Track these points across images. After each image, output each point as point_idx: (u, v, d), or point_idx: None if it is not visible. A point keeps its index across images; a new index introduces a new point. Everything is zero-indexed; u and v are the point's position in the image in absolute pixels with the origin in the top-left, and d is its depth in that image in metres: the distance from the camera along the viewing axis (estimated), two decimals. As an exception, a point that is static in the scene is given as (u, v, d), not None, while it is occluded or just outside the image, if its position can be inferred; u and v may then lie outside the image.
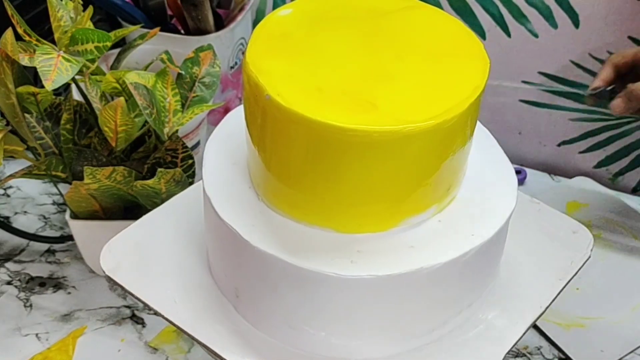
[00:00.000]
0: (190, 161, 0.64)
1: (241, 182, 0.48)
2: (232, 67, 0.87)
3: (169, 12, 0.86)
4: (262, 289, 0.46)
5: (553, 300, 0.52)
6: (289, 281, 0.44)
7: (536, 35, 0.85)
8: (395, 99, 0.41)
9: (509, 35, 0.86)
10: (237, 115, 0.51)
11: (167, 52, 0.66)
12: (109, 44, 0.60)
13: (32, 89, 0.61)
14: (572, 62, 0.85)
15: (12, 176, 0.65)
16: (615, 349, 0.68)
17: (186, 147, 0.64)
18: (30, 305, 0.71)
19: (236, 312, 0.50)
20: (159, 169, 0.61)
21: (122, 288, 0.52)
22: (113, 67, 0.69)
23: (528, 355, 0.68)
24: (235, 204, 0.47)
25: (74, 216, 0.68)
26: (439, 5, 0.86)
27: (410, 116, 0.40)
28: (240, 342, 0.48)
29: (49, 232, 0.79)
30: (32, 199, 0.83)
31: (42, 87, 0.55)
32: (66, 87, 0.72)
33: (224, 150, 0.50)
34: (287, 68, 0.43)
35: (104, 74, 0.63)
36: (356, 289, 0.43)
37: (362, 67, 0.43)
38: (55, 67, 0.56)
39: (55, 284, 0.73)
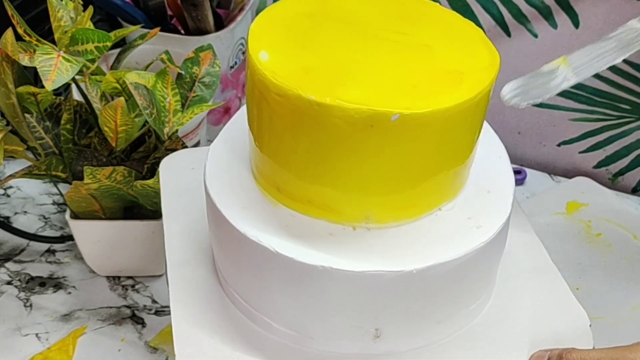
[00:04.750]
0: (190, 161, 0.64)
1: (247, 179, 0.48)
2: (232, 67, 0.87)
3: (169, 12, 0.86)
4: (263, 285, 0.46)
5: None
6: (291, 276, 0.44)
7: (536, 36, 0.85)
8: (401, 83, 0.42)
9: (509, 35, 0.86)
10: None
11: (167, 52, 0.66)
12: (109, 44, 0.60)
13: (32, 89, 0.61)
14: (572, 62, 0.85)
15: (12, 176, 0.65)
16: (615, 349, 0.68)
17: (186, 146, 0.64)
18: (30, 305, 0.71)
19: (239, 312, 0.50)
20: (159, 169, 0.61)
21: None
22: (113, 67, 0.69)
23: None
24: (238, 199, 0.47)
25: (74, 216, 0.68)
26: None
27: (440, 97, 0.40)
28: (243, 341, 0.48)
29: (49, 232, 0.79)
30: (32, 199, 0.83)
31: (42, 87, 0.55)
32: (66, 87, 0.72)
33: (229, 147, 0.51)
34: (288, 50, 0.43)
35: (104, 74, 0.63)
36: (357, 283, 0.43)
37: (364, 52, 0.43)
38: (55, 67, 0.56)
39: (55, 284, 0.73)
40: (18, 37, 0.59)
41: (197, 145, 0.78)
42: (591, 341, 0.49)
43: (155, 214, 0.67)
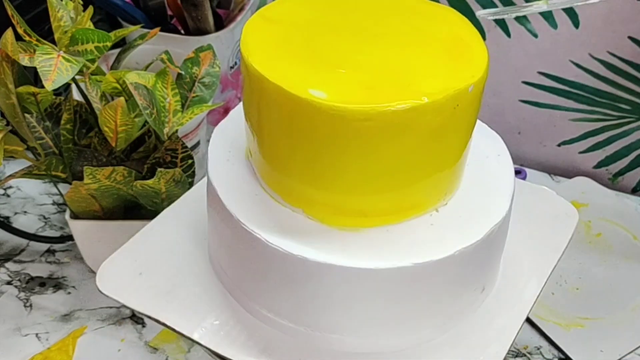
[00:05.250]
0: (190, 161, 0.64)
1: (249, 178, 0.48)
2: (231, 67, 0.87)
3: (169, 12, 0.86)
4: (265, 281, 0.46)
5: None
6: (293, 273, 0.44)
7: (536, 36, 0.85)
8: (393, 78, 0.42)
9: (509, 35, 0.86)
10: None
11: (167, 52, 0.66)
12: (109, 44, 0.60)
13: (32, 89, 0.61)
14: (572, 62, 0.85)
15: (12, 176, 0.65)
16: (615, 349, 0.68)
17: (186, 147, 0.64)
18: (30, 305, 0.71)
19: (241, 306, 0.50)
20: (159, 169, 0.61)
21: (125, 306, 0.51)
22: (113, 67, 0.69)
23: (528, 355, 0.68)
24: (243, 197, 0.47)
25: (74, 216, 0.68)
26: (439, 5, 0.86)
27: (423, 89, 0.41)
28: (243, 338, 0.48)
29: (49, 232, 0.79)
30: (32, 199, 0.83)
31: (42, 87, 0.55)
32: (66, 87, 0.72)
33: (228, 145, 0.51)
34: (282, 50, 0.43)
35: (104, 74, 0.63)
36: (355, 280, 0.44)
37: (358, 49, 0.44)
38: (55, 67, 0.56)
39: (55, 284, 0.73)
40: (18, 37, 0.59)
41: (197, 145, 0.78)
42: None
43: (155, 214, 0.67)
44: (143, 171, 0.65)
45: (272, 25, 0.45)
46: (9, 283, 0.73)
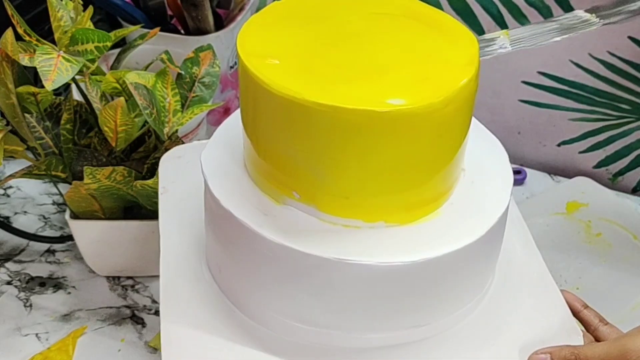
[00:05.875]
0: (190, 161, 0.65)
1: (245, 176, 0.49)
2: (231, 67, 0.87)
3: (169, 12, 0.86)
4: (264, 278, 0.47)
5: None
6: (293, 269, 0.45)
7: (536, 35, 0.85)
8: (390, 81, 0.42)
9: (509, 35, 0.86)
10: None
11: (167, 52, 0.66)
12: (109, 44, 0.60)
13: (32, 89, 0.61)
14: (572, 62, 0.85)
15: (12, 176, 0.65)
16: (615, 349, 0.68)
17: (186, 147, 0.64)
18: (30, 305, 0.71)
19: (233, 305, 0.50)
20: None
21: None
22: (113, 67, 0.69)
23: (528, 355, 0.68)
24: (239, 196, 0.47)
25: (74, 216, 0.68)
26: (439, 6, 0.86)
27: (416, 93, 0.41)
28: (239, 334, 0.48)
29: (49, 232, 0.79)
30: (32, 199, 0.83)
31: (42, 87, 0.56)
32: (66, 87, 0.72)
33: (227, 146, 0.51)
34: (279, 52, 0.43)
35: (104, 74, 0.63)
36: (354, 276, 0.44)
37: (353, 53, 0.44)
38: (55, 67, 0.56)
39: (55, 284, 0.73)
40: (18, 37, 0.59)
41: (197, 145, 0.78)
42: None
43: (155, 214, 0.67)
44: (143, 171, 0.65)
45: (268, 27, 0.45)
46: (9, 283, 0.73)
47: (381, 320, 0.47)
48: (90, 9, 0.63)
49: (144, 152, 0.67)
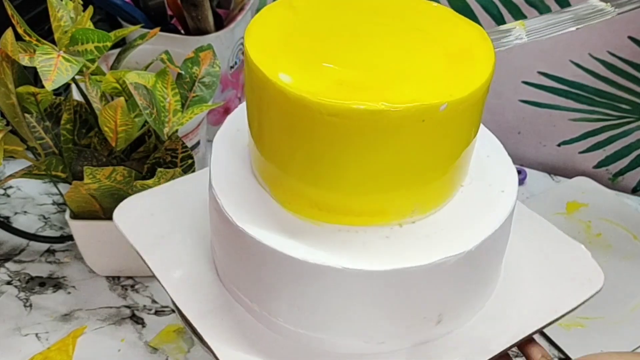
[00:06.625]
0: (189, 161, 0.64)
1: (251, 181, 0.48)
2: (232, 67, 0.87)
3: (169, 12, 0.86)
4: (267, 284, 0.46)
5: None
6: (296, 276, 0.44)
7: (536, 35, 0.85)
8: (401, 81, 0.42)
9: (509, 35, 0.86)
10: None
11: (167, 52, 0.66)
12: (109, 44, 0.60)
13: (32, 89, 0.61)
14: (572, 62, 0.85)
15: (12, 176, 0.65)
16: (615, 348, 0.68)
17: (186, 147, 0.64)
18: (30, 305, 0.71)
19: (242, 308, 0.50)
20: (159, 169, 0.61)
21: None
22: (113, 67, 0.69)
23: (528, 355, 0.68)
24: (245, 202, 0.47)
25: (74, 216, 0.68)
26: (439, 5, 0.86)
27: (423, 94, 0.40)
28: (239, 336, 0.48)
29: (49, 232, 0.79)
30: (32, 199, 0.83)
31: (42, 87, 0.55)
32: (66, 87, 0.72)
33: (232, 148, 0.51)
34: (284, 47, 0.43)
35: (104, 74, 0.63)
36: (354, 282, 0.44)
37: (363, 52, 0.44)
38: (55, 67, 0.56)
39: (55, 284, 0.73)
40: (18, 37, 0.59)
41: (197, 145, 0.78)
42: None
43: (155, 214, 0.67)
44: (143, 171, 0.65)
45: (276, 24, 0.45)
46: (9, 283, 0.73)
47: (383, 327, 0.47)
48: (90, 9, 0.63)
49: (144, 152, 0.67)
